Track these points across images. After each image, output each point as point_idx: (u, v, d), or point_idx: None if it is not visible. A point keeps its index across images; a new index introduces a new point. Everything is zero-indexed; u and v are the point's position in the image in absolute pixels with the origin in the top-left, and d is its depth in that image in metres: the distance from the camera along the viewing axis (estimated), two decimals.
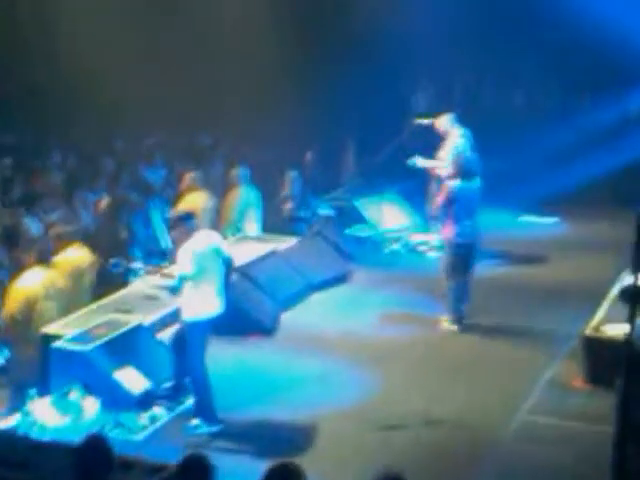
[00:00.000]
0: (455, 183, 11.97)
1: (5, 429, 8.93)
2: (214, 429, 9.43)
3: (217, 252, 9.71)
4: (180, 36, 19.23)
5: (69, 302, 10.16)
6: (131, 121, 17.19)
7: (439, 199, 12.24)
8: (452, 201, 11.92)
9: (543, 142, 17.36)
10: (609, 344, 9.88)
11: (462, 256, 11.96)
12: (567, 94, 20.07)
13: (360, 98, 18.36)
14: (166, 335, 10.35)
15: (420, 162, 13.30)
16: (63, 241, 10.63)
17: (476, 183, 12.09)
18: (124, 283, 11.43)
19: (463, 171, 12.08)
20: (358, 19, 18.81)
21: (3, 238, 10.91)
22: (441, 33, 18.56)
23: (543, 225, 16.39)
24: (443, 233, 12.25)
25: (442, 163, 12.76)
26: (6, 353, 10.01)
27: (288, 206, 14.69)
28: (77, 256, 10.66)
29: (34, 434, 8.82)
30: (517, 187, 16.22)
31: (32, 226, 11.94)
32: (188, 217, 9.81)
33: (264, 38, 17.82)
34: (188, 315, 9.57)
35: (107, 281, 11.18)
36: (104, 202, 12.84)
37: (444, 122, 13.26)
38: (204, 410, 9.52)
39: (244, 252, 12.77)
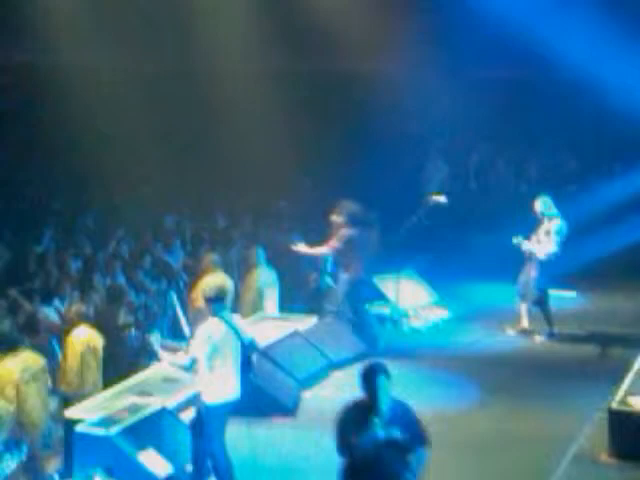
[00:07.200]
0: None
1: None
2: None
3: (236, 335, 9.66)
4: (194, 120, 19.49)
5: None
6: (148, 203, 17.33)
7: None
8: None
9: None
10: (636, 417, 9.80)
11: None
12: (584, 168, 20.13)
13: (375, 177, 18.45)
14: (187, 417, 10.29)
15: (525, 244, 14.18)
16: (79, 320, 10.75)
17: None
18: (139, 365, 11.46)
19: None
20: (373, 98, 18.99)
21: (24, 326, 10.96)
22: (456, 111, 18.72)
23: (562, 299, 16.32)
24: None
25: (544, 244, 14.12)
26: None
27: (312, 278, 14.86)
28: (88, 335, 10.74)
29: None
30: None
31: (49, 314, 12.02)
32: (217, 299, 9.79)
33: (278, 118, 18.00)
34: (206, 399, 9.52)
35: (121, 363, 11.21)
36: None
37: (542, 204, 14.32)
38: None
39: (264, 332, 12.75)
